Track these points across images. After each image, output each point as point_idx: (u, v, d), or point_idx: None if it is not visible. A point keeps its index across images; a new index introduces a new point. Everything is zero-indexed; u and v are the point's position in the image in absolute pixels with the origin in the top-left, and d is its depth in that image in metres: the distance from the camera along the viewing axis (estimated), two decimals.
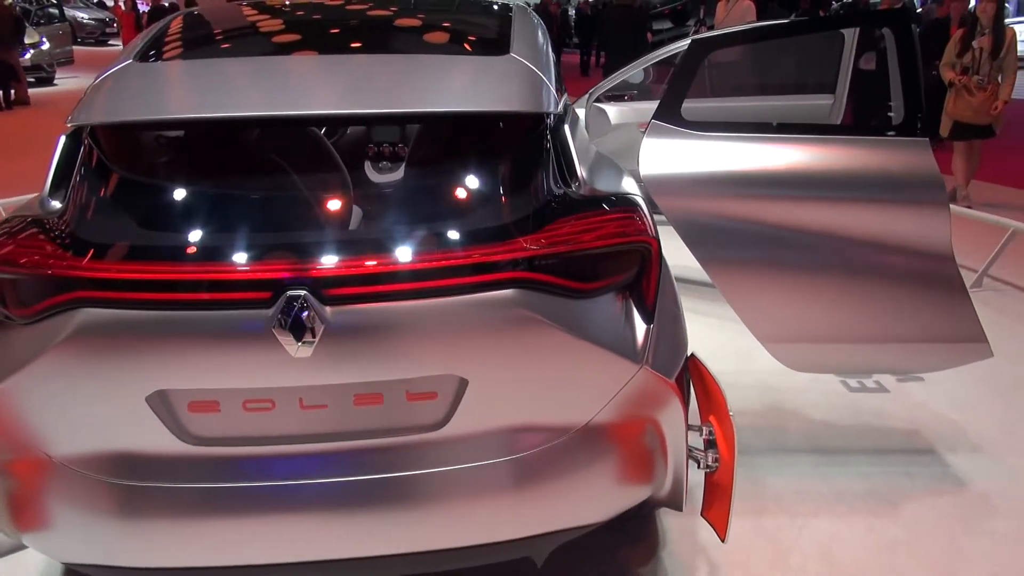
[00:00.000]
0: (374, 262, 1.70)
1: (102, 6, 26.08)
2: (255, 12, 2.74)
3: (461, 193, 1.97)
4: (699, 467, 2.08)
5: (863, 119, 4.95)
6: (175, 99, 2.04)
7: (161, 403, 1.75)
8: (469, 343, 1.77)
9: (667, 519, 2.65)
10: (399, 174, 2.02)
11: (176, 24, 2.55)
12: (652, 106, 3.03)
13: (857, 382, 3.65)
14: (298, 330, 1.64)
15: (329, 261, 1.69)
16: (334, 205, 1.93)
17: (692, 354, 2.12)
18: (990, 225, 5.02)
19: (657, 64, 4.40)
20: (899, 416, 3.39)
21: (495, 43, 2.29)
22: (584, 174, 2.03)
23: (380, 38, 2.51)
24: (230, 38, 2.57)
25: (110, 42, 23.82)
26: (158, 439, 1.77)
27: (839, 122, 4.32)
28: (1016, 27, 7.42)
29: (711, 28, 10.32)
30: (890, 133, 2.80)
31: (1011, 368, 3.75)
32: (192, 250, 1.75)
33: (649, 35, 10.94)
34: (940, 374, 3.35)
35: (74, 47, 17.87)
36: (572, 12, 21.87)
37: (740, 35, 3.42)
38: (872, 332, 2.83)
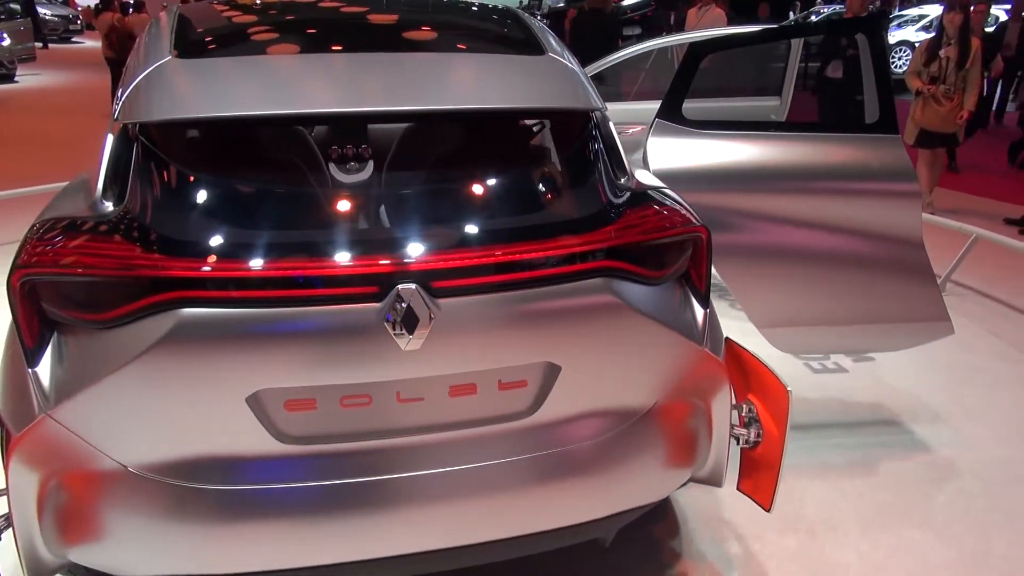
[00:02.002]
0: (477, 255, 1.75)
1: (66, 3, 25.60)
2: (276, 7, 2.72)
3: (541, 187, 2.07)
4: (738, 444, 2.18)
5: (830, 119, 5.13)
6: (249, 95, 1.95)
7: (256, 403, 1.71)
8: (563, 330, 1.83)
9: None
10: (479, 170, 2.10)
11: (199, 16, 2.46)
12: (620, 107, 3.12)
13: (819, 363, 3.93)
14: (410, 323, 1.67)
15: (434, 255, 1.72)
16: (425, 200, 1.99)
17: (727, 337, 2.22)
18: (953, 232, 5.12)
19: (618, 66, 4.59)
20: (862, 393, 3.68)
21: (526, 43, 2.34)
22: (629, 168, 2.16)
23: (416, 36, 2.50)
24: (263, 33, 2.47)
25: (73, 39, 23.39)
26: (254, 440, 1.73)
27: (783, 119, 4.65)
28: None
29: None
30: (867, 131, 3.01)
31: (962, 355, 4.07)
32: (297, 247, 1.73)
33: (619, 40, 10.98)
34: (894, 355, 3.71)
35: (36, 44, 17.51)
36: (539, 16, 21.98)
37: (735, 39, 3.66)
38: (853, 314, 3.05)
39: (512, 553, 2.00)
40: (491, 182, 2.07)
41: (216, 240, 1.73)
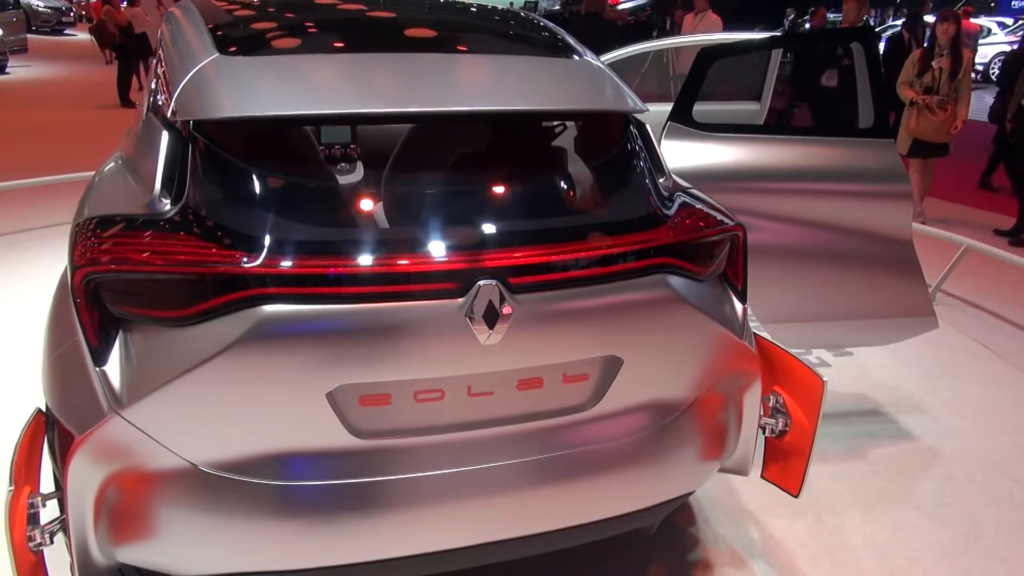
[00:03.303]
0: (551, 252, 1.80)
1: None
2: (298, 6, 2.72)
3: (601, 187, 2.14)
4: (765, 433, 2.27)
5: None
6: (317, 94, 1.95)
7: (334, 398, 1.71)
8: (626, 324, 1.89)
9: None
10: (544, 170, 2.18)
11: (223, 14, 2.45)
12: None
13: (802, 359, 3.95)
14: (491, 318, 1.70)
15: (512, 252, 1.77)
16: (496, 198, 2.04)
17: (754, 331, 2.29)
18: (943, 241, 5.15)
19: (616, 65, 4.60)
20: (848, 385, 3.83)
21: (561, 46, 2.41)
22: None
23: (460, 38, 2.53)
24: (300, 32, 2.46)
25: (66, 31, 23.27)
26: (330, 436, 1.73)
27: (761, 123, 4.81)
28: None
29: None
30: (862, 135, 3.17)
31: (934, 353, 4.24)
32: (376, 244, 1.73)
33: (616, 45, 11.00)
34: (873, 352, 3.96)
35: (29, 35, 17.40)
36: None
37: (742, 46, 3.83)
38: (847, 310, 3.17)
39: (572, 542, 2.05)
40: (555, 182, 2.16)
41: (295, 237, 1.72)
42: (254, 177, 1.83)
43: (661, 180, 2.14)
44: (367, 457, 1.77)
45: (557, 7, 22.50)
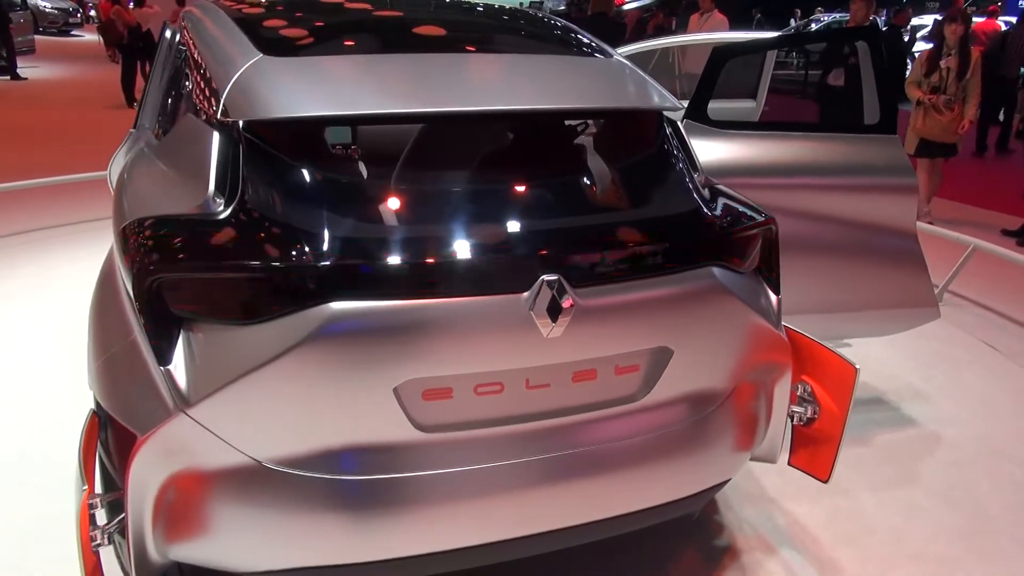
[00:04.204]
0: (609, 246, 1.86)
1: None
2: (326, 6, 2.77)
3: (648, 183, 2.18)
4: (793, 422, 2.34)
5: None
6: (376, 93, 1.97)
7: (399, 393, 1.73)
8: (677, 316, 1.94)
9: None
10: (598, 167, 2.23)
11: (251, 13, 2.46)
12: None
13: None
14: (554, 312, 1.74)
15: (573, 246, 1.82)
16: (554, 195, 2.09)
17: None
18: (950, 242, 5.14)
19: None
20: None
21: (592, 46, 2.46)
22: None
23: (499, 39, 2.58)
24: (339, 32, 2.48)
25: (73, 32, 23.34)
26: (395, 430, 1.76)
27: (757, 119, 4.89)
28: None
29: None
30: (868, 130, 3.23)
31: (926, 344, 4.24)
32: (442, 240, 1.76)
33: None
34: (868, 344, 3.93)
35: (36, 36, 17.45)
36: None
37: (754, 44, 4.01)
38: (853, 301, 3.24)
39: (624, 529, 2.10)
40: (606, 179, 2.22)
41: (360, 234, 1.75)
42: (313, 176, 1.85)
43: (696, 176, 2.20)
44: (428, 450, 1.79)
45: (562, 7, 22.48)
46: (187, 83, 2.42)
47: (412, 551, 1.81)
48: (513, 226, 1.87)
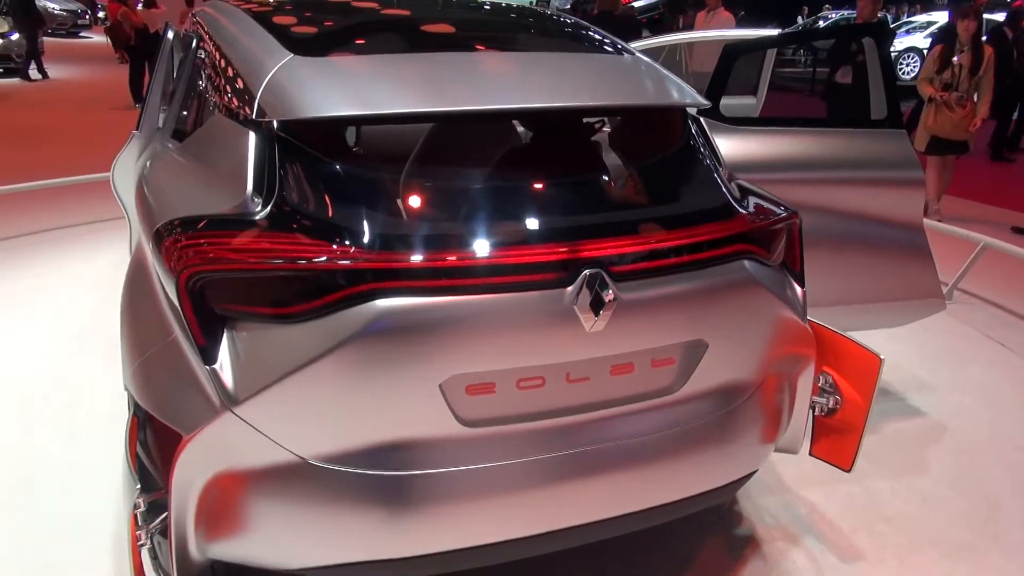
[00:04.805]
0: (649, 241, 1.87)
1: None
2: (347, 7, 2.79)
3: (681, 178, 2.21)
4: (815, 412, 2.38)
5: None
6: (413, 92, 1.97)
7: (444, 389, 1.74)
8: (712, 308, 1.96)
9: None
10: (633, 162, 2.27)
11: (271, 13, 2.45)
12: None
13: None
14: (596, 306, 1.75)
15: (613, 241, 1.83)
16: (592, 191, 2.13)
17: None
18: (960, 239, 5.10)
19: None
20: None
21: (617, 46, 2.49)
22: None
23: (524, 37, 2.60)
24: (367, 31, 2.49)
25: (81, 34, 23.43)
26: (441, 425, 1.77)
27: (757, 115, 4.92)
28: None
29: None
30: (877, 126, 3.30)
31: (932, 338, 4.30)
32: (485, 236, 1.76)
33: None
34: (872, 336, 3.89)
35: (45, 38, 17.52)
36: None
37: (764, 41, 4.06)
38: (861, 294, 3.29)
39: (660, 520, 2.12)
40: (641, 175, 2.26)
41: (404, 231, 1.75)
42: (349, 174, 1.86)
43: (722, 170, 2.22)
44: (470, 445, 1.80)
45: (568, 5, 22.45)
46: (208, 84, 2.41)
47: (453, 545, 1.82)
48: (554, 221, 1.87)
